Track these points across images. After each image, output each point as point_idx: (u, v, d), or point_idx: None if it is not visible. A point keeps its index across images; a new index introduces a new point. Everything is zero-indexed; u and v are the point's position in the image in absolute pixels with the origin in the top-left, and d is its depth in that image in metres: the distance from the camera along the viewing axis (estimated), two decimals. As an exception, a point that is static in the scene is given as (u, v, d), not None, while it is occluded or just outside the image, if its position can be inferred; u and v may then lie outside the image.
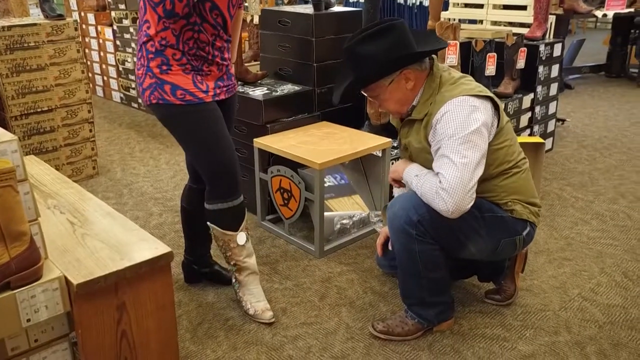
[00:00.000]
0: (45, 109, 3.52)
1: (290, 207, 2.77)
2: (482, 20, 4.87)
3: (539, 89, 3.83)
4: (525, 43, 3.69)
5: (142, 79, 2.00)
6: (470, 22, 5.31)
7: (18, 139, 1.42)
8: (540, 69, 3.78)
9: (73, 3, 5.98)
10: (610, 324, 2.17)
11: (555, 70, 3.96)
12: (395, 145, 2.93)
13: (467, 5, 4.98)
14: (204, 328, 2.18)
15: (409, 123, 2.01)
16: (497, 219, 1.95)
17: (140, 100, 4.84)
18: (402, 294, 2.12)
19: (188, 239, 2.41)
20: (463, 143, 1.78)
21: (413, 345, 2.06)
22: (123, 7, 5.24)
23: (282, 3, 5.93)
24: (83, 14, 5.85)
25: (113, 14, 5.40)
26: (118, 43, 5.48)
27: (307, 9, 3.18)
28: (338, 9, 3.23)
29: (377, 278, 2.51)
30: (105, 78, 5.91)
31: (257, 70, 3.35)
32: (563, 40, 4.09)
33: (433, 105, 1.89)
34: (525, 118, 3.79)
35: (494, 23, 4.83)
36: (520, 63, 3.62)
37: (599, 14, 5.54)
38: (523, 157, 2.04)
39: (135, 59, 2.06)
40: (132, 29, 5.19)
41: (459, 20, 4.92)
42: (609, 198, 3.31)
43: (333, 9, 3.18)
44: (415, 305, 2.07)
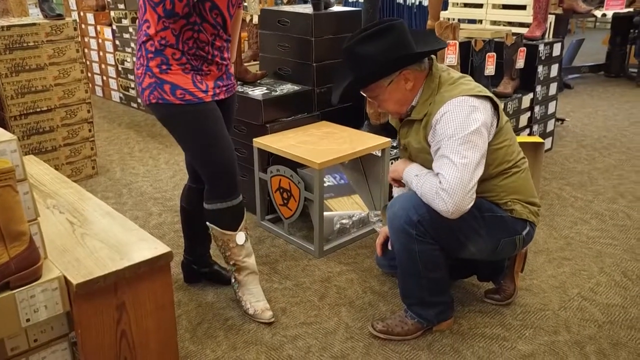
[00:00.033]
0: (45, 109, 3.52)
1: (290, 206, 2.77)
2: (481, 20, 4.88)
3: (539, 89, 3.83)
4: (525, 43, 3.69)
5: (141, 79, 2.00)
6: (470, 21, 5.31)
7: (17, 139, 1.42)
8: (540, 69, 3.78)
9: (72, 3, 5.98)
10: (610, 324, 2.17)
11: (555, 70, 3.96)
12: (395, 145, 2.93)
13: (466, 5, 4.99)
14: (204, 328, 2.18)
15: (408, 123, 2.01)
16: (496, 219, 1.95)
17: (140, 100, 4.84)
18: (401, 294, 2.12)
19: (187, 239, 2.42)
20: (463, 143, 1.78)
21: (412, 345, 2.06)
22: (122, 6, 5.24)
23: (281, 3, 5.93)
24: (82, 14, 5.85)
25: (112, 14, 5.40)
26: (117, 43, 5.48)
27: (306, 9, 3.17)
28: (337, 9, 3.23)
29: (376, 278, 2.51)
30: (105, 78, 5.91)
31: (256, 70, 3.35)
32: (562, 40, 4.10)
33: (432, 106, 1.89)
34: (525, 118, 3.79)
35: (494, 23, 4.84)
36: (520, 63, 3.62)
37: (598, 14, 5.54)
38: (522, 156, 2.04)
39: (135, 59, 2.06)
40: (131, 29, 5.19)
41: (459, 20, 4.93)
42: (608, 198, 3.32)
43: (332, 9, 3.18)
44: (415, 305, 2.07)
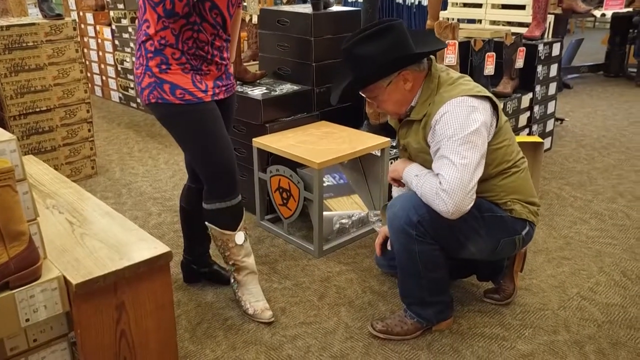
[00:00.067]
0: (44, 109, 3.52)
1: (289, 206, 2.77)
2: (480, 20, 4.88)
3: (538, 89, 3.83)
4: (524, 42, 3.69)
5: (141, 78, 2.00)
6: (469, 21, 5.31)
7: (17, 139, 1.42)
8: (539, 69, 3.78)
9: (71, 3, 5.97)
10: (609, 323, 2.17)
11: (554, 70, 3.96)
12: (394, 145, 2.93)
13: (465, 5, 4.99)
14: (203, 328, 2.18)
15: (408, 124, 2.01)
16: (496, 219, 1.95)
17: (139, 100, 4.84)
18: (401, 294, 2.12)
19: (187, 239, 2.41)
20: (463, 144, 1.78)
21: (412, 345, 2.06)
22: (122, 6, 5.23)
23: (280, 2, 5.92)
24: (82, 14, 5.84)
25: (112, 14, 5.39)
26: (117, 43, 5.48)
27: (305, 9, 3.17)
28: (337, 9, 3.23)
29: (376, 277, 2.51)
30: (104, 78, 5.91)
31: (255, 70, 3.35)
32: (562, 40, 4.10)
33: (432, 106, 1.89)
34: (524, 117, 3.79)
35: (493, 22, 4.84)
36: (519, 62, 3.62)
37: (598, 14, 5.54)
38: (522, 156, 2.04)
39: (134, 59, 2.06)
40: (130, 29, 5.19)
41: (458, 20, 4.93)
42: (608, 197, 3.32)
43: (332, 9, 3.18)
44: (415, 305, 2.07)
